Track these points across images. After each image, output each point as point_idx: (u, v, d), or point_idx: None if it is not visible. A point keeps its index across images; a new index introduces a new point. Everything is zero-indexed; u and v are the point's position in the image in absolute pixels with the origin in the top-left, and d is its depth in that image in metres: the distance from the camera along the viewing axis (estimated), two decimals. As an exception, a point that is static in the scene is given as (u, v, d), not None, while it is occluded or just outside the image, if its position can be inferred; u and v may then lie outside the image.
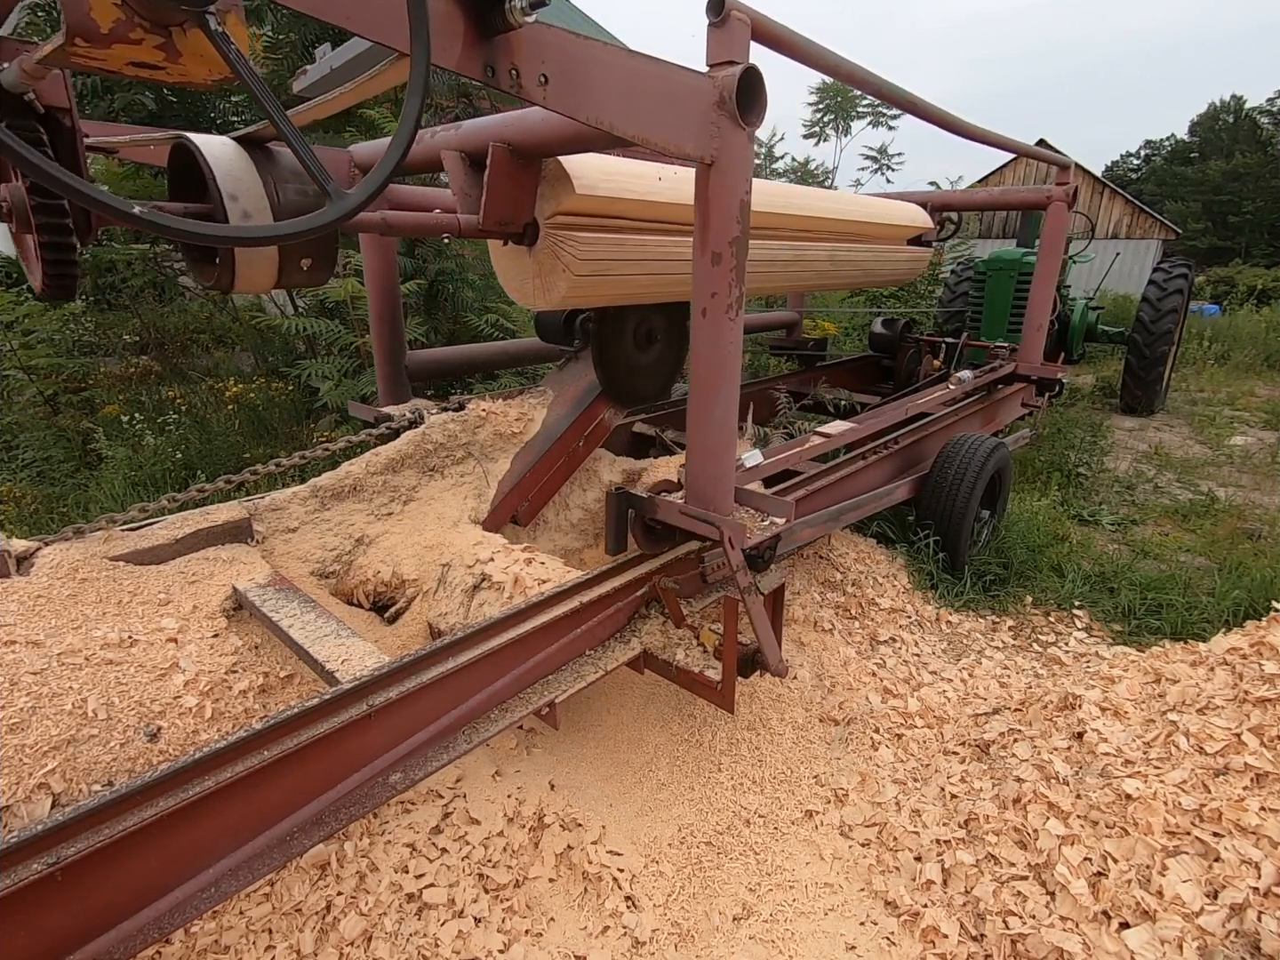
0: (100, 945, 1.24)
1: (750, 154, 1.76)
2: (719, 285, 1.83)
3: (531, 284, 2.38)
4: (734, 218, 1.78)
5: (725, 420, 1.99)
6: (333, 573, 2.57)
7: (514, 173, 2.05)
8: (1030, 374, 4.75)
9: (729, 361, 1.92)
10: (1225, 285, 18.38)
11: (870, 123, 21.07)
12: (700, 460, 2.03)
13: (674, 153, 1.63)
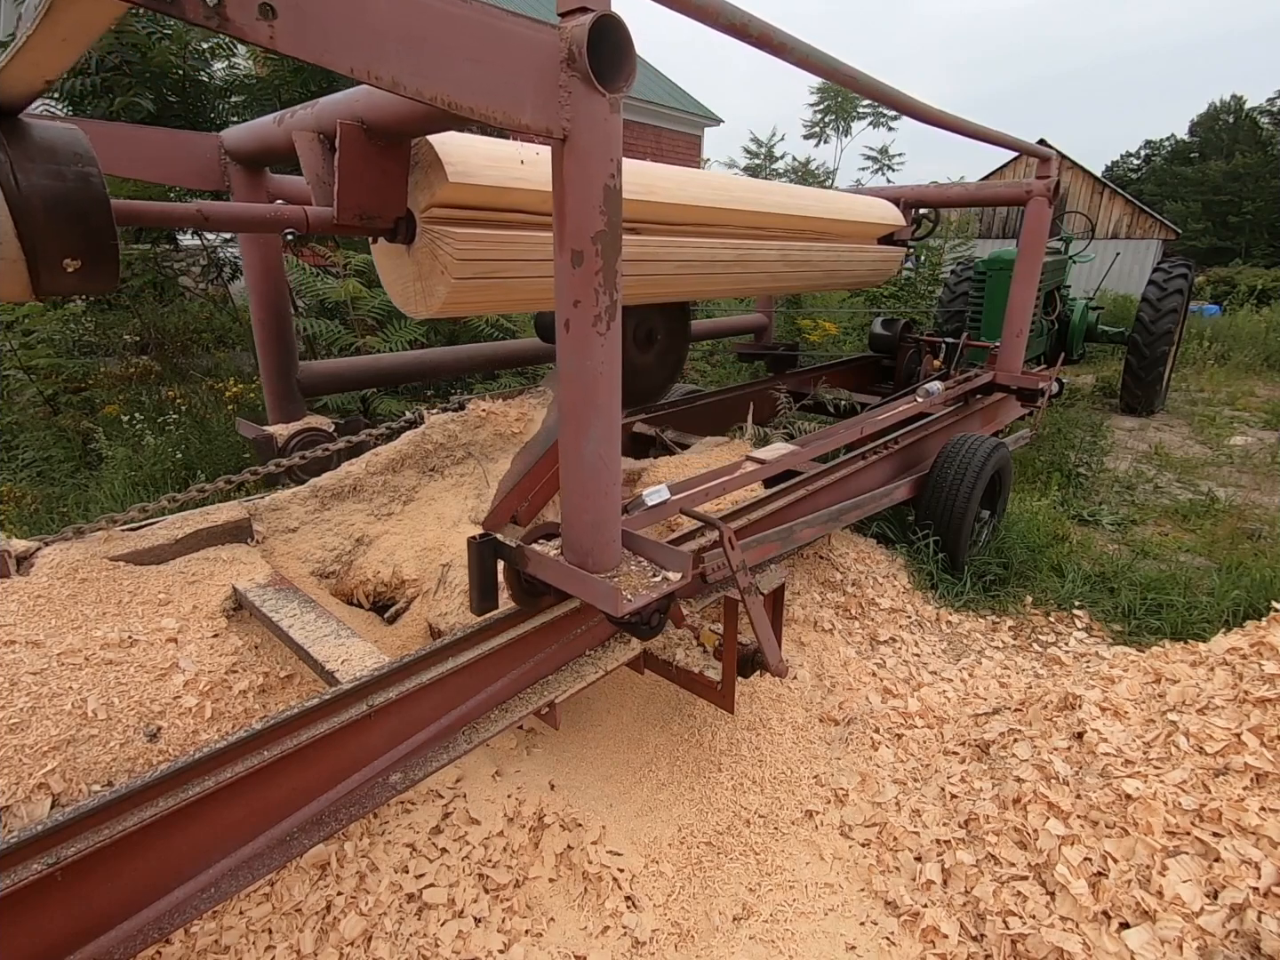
0: (100, 945, 1.24)
1: (616, 127, 1.42)
2: (582, 291, 1.46)
3: (412, 288, 2.08)
4: (596, 207, 1.42)
5: (602, 457, 1.61)
6: (333, 573, 2.57)
7: (373, 157, 1.76)
8: (1010, 384, 4.39)
9: (602, 386, 1.55)
10: (1225, 285, 18.37)
11: (870, 123, 21.09)
12: (574, 506, 1.66)
13: (505, 124, 1.31)
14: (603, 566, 1.67)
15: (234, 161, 2.55)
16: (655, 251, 2.58)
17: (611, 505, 1.67)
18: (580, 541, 1.68)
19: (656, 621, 1.80)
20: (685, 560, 1.67)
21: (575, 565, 1.67)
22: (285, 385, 2.95)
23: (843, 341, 8.31)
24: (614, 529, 1.70)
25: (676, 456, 3.47)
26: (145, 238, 5.40)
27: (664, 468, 3.27)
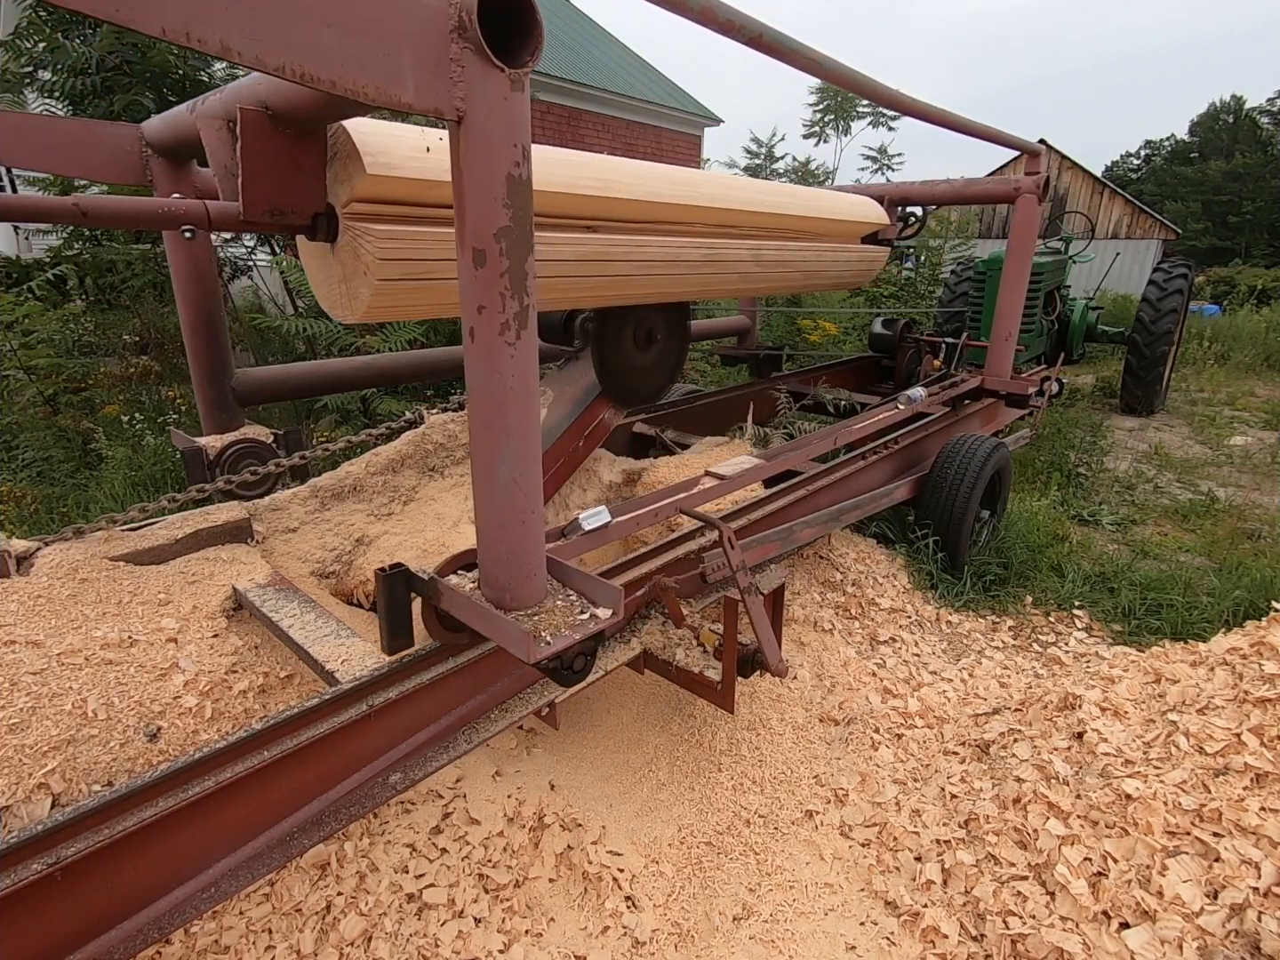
0: (100, 945, 1.24)
1: (521, 108, 1.24)
2: (485, 295, 1.28)
3: (337, 290, 1.91)
4: (498, 199, 1.23)
5: (517, 481, 1.42)
6: (333, 573, 2.57)
7: (282, 146, 1.59)
8: (999, 388, 4.21)
9: (513, 402, 1.36)
10: (1225, 285, 18.37)
11: (870, 123, 21.08)
12: (489, 536, 1.48)
13: (381, 101, 1.13)
14: (523, 602, 1.49)
15: (155, 154, 2.38)
16: (612, 250, 2.41)
17: (531, 535, 1.48)
18: (496, 575, 1.49)
19: (581, 665, 1.60)
20: (616, 596, 1.49)
21: (491, 601, 1.49)
22: (218, 393, 2.75)
23: (843, 341, 8.31)
24: (535, 561, 1.51)
25: (676, 456, 3.46)
26: (145, 238, 5.40)
27: (664, 468, 3.27)
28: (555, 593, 1.58)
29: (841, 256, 3.82)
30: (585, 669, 1.64)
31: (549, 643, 1.40)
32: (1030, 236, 4.02)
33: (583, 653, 1.61)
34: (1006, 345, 4.18)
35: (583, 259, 2.31)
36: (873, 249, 4.08)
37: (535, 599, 1.52)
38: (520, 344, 1.34)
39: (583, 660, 1.62)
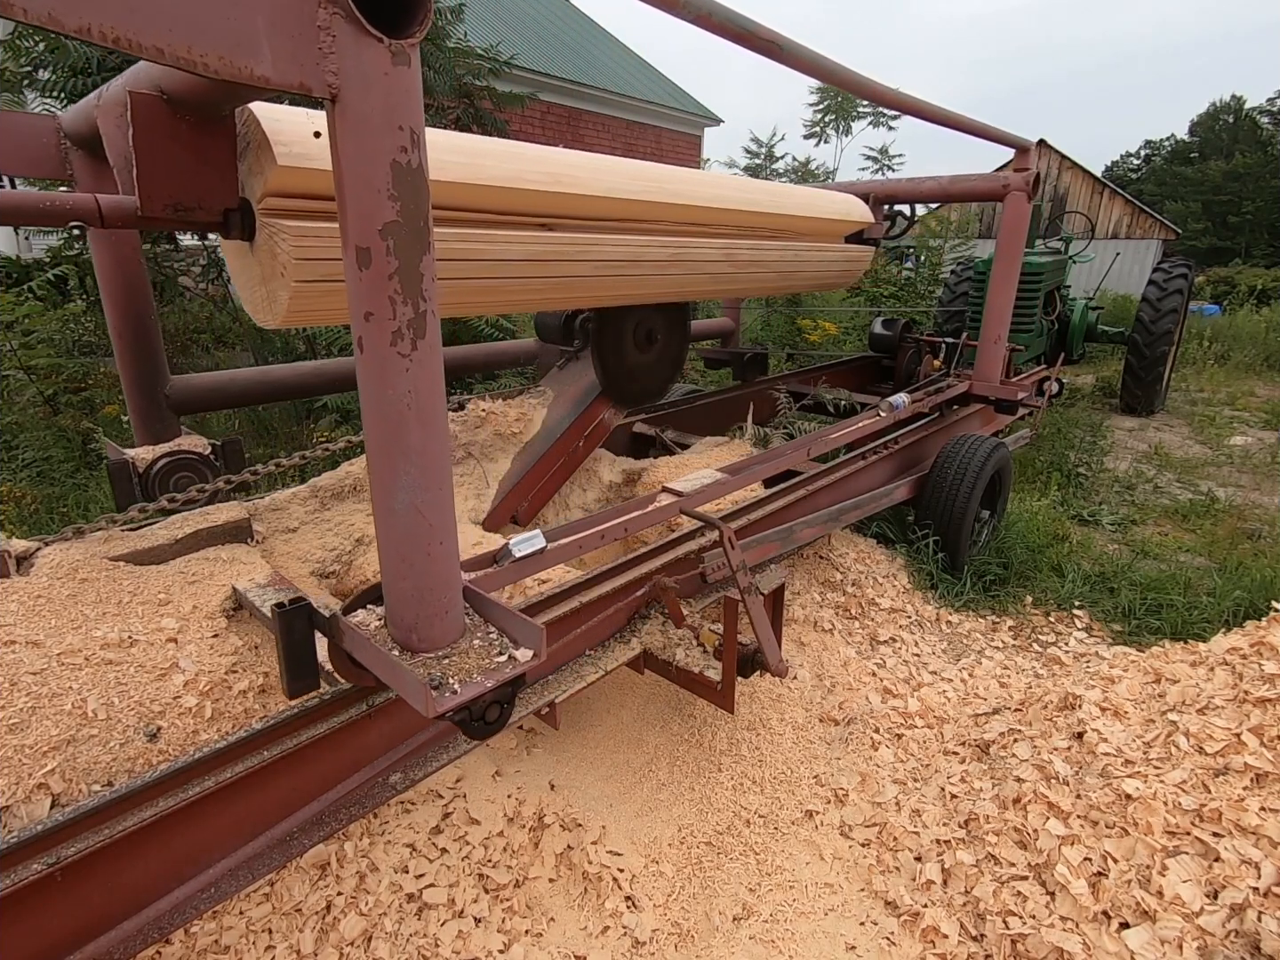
0: (100, 945, 1.24)
1: (408, 85, 1.08)
2: (373, 300, 1.12)
3: (259, 293, 1.76)
4: (383, 190, 1.08)
5: (419, 509, 1.26)
6: (333, 573, 2.57)
7: (183, 134, 1.44)
8: (987, 394, 4.04)
9: (412, 421, 1.20)
10: (1225, 285, 18.38)
11: (871, 123, 21.10)
12: (392, 571, 1.31)
13: (227, 73, 0.98)
14: (432, 642, 1.34)
15: (75, 146, 2.22)
16: (566, 250, 2.26)
17: (439, 569, 1.32)
18: (401, 614, 1.34)
19: (496, 715, 1.39)
20: (537, 635, 1.34)
21: (399, 641, 1.35)
22: (150, 401, 2.57)
23: (843, 341, 8.31)
24: (446, 597, 1.35)
25: (676, 456, 3.47)
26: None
27: (664, 468, 3.27)
28: (475, 630, 1.42)
29: (822, 256, 3.65)
30: (501, 720, 1.42)
31: (455, 691, 1.24)
32: (1020, 236, 3.88)
33: (498, 701, 1.38)
34: (996, 349, 4.04)
35: (534, 259, 2.17)
36: (857, 248, 3.91)
37: (448, 638, 1.37)
38: (417, 355, 1.17)
39: (497, 710, 1.40)
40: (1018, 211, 3.82)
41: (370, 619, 1.44)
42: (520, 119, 11.10)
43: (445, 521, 1.31)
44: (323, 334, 4.82)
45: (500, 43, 7.50)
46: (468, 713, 1.31)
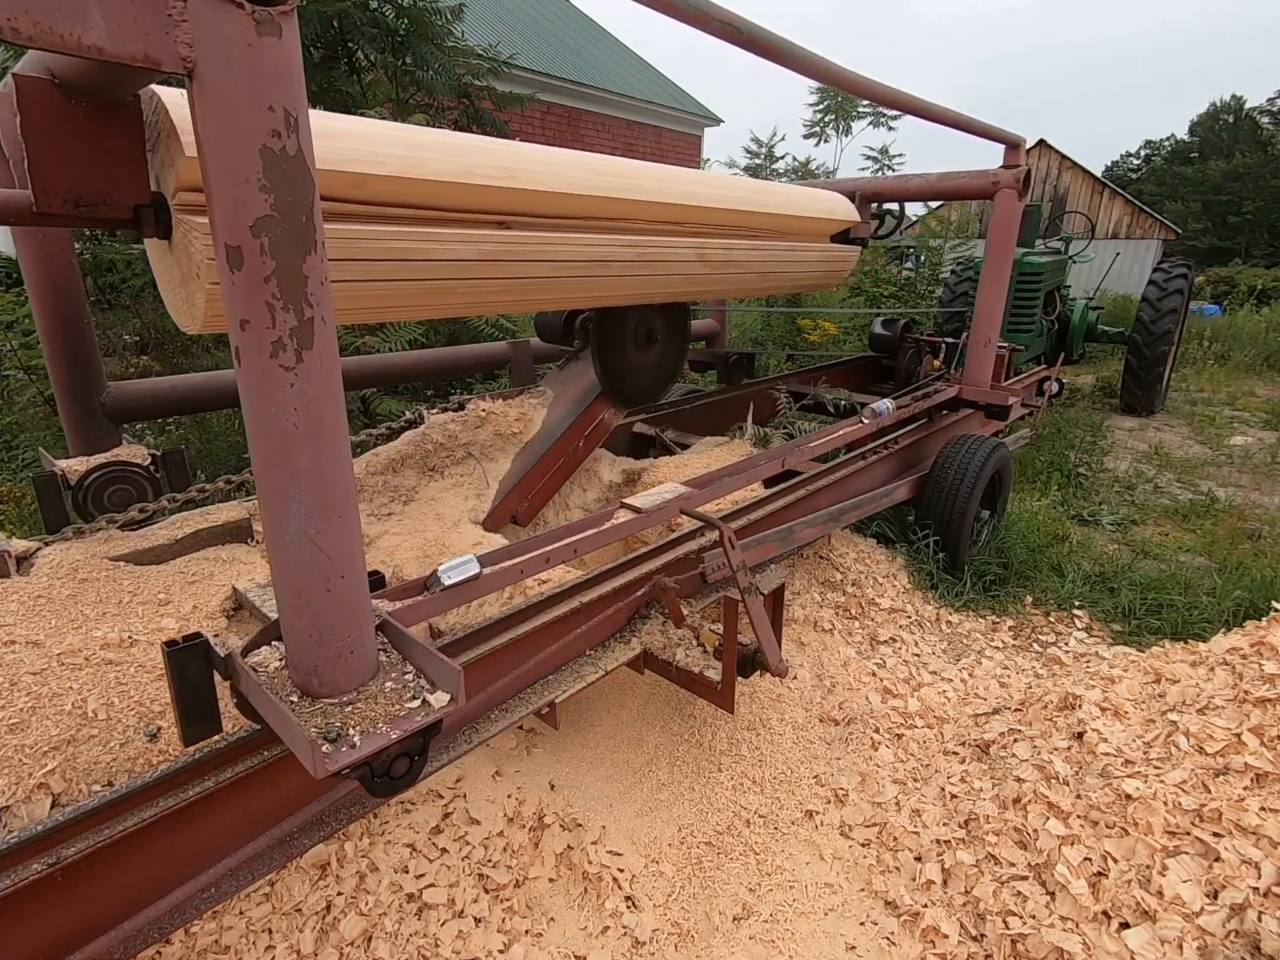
0: (100, 945, 1.24)
1: (279, 59, 0.94)
2: (248, 306, 0.99)
3: (178, 295, 1.64)
4: (252, 180, 0.95)
5: (316, 540, 1.13)
6: (333, 573, 2.56)
7: (79, 122, 1.30)
8: (977, 399, 3.92)
9: (300, 441, 1.07)
10: (1225, 285, 18.39)
11: (871, 123, 21.10)
12: (288, 607, 1.19)
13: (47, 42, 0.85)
14: (335, 686, 1.21)
15: None
16: (521, 249, 2.14)
17: (342, 606, 1.19)
18: (300, 655, 1.21)
19: (404, 770, 1.24)
20: (455, 678, 1.20)
21: (299, 685, 1.23)
22: (84, 409, 2.42)
23: (843, 341, 8.31)
24: (350, 636, 1.22)
25: (676, 456, 3.47)
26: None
27: (664, 468, 3.27)
28: (390, 670, 1.29)
29: (805, 256, 3.47)
30: (410, 774, 1.26)
31: (354, 744, 1.11)
32: (1009, 235, 3.73)
33: (406, 753, 1.23)
34: (986, 352, 3.91)
35: (486, 259, 2.04)
36: (842, 248, 3.73)
37: (355, 680, 1.24)
38: (304, 369, 1.04)
39: (405, 763, 1.24)
40: (1008, 209, 3.68)
41: (272, 659, 1.31)
42: (520, 119, 11.10)
43: (347, 553, 1.17)
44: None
45: (500, 43, 7.51)
46: (368, 769, 1.17)
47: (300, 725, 1.13)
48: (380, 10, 5.39)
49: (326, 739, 1.12)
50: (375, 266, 1.81)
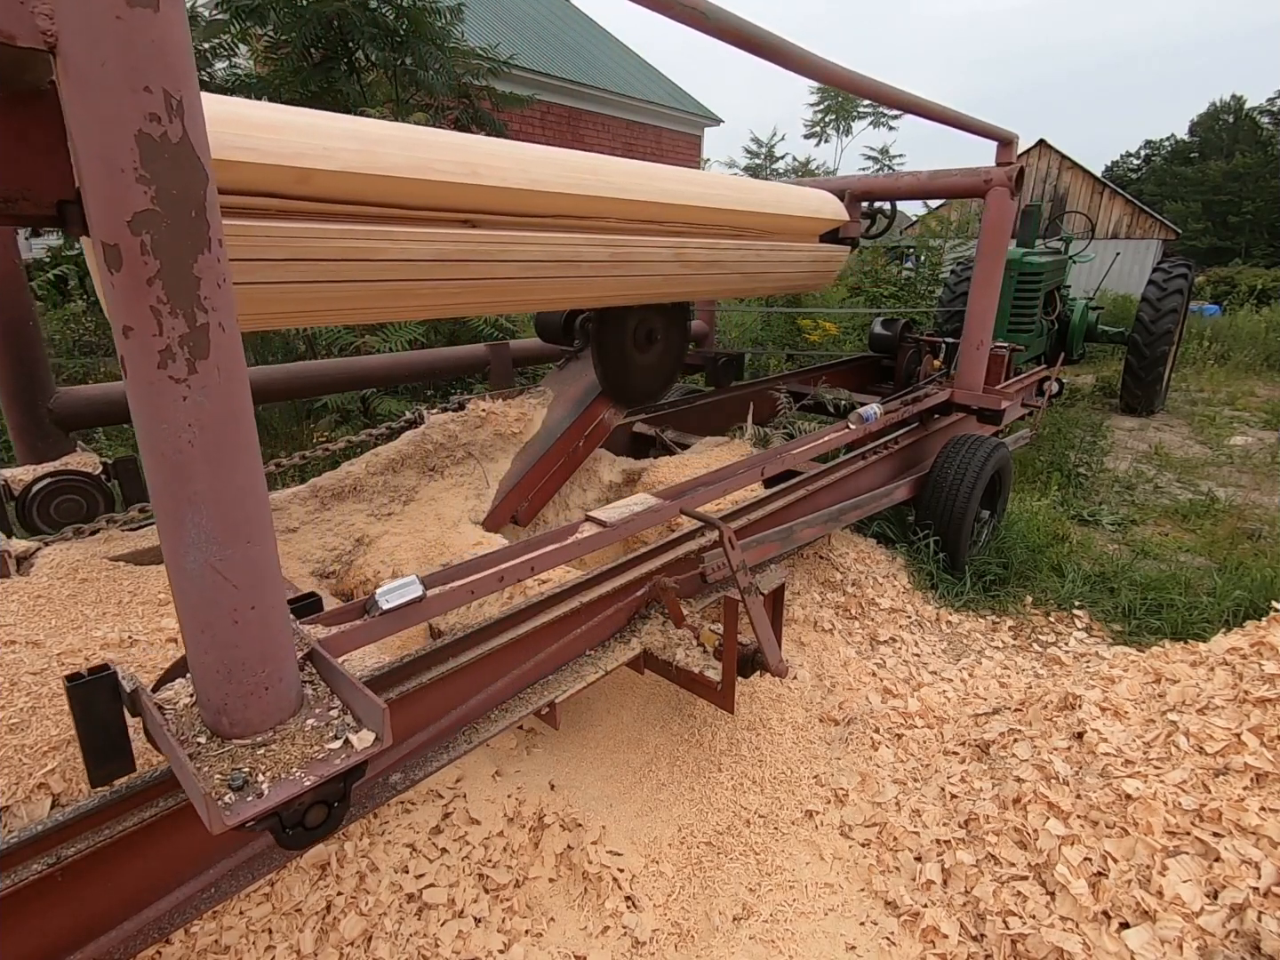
0: (100, 945, 1.24)
1: (161, 35, 0.84)
2: (131, 311, 0.90)
3: None
4: (127, 170, 0.85)
5: (220, 568, 1.03)
6: (333, 573, 2.57)
7: None
8: (969, 403, 3.85)
9: (199, 460, 0.97)
10: (1225, 285, 18.39)
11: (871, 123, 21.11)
12: (194, 641, 1.08)
13: None
14: (248, 726, 1.11)
15: None
16: (487, 249, 2.04)
17: (254, 639, 1.08)
18: (208, 693, 1.11)
19: (319, 820, 1.12)
20: (379, 716, 1.11)
21: (209, 725, 1.13)
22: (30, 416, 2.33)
23: (843, 341, 8.31)
24: (264, 672, 1.11)
25: (676, 456, 3.47)
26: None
27: (664, 468, 3.27)
28: (315, 704, 1.18)
29: (792, 256, 3.35)
30: (328, 823, 1.13)
31: (261, 793, 1.02)
32: (1002, 234, 3.65)
33: (323, 800, 1.11)
34: (979, 354, 3.81)
35: (447, 259, 1.95)
36: (831, 248, 3.63)
37: (271, 719, 1.13)
38: (198, 381, 0.94)
39: (323, 811, 1.11)
40: (1000, 207, 3.59)
41: (183, 694, 1.20)
42: (520, 119, 11.10)
43: (258, 581, 1.07)
44: (323, 334, 4.82)
45: (500, 43, 7.51)
46: (278, 819, 1.06)
47: (195, 774, 1.02)
48: (380, 10, 5.39)
49: (231, 787, 1.02)
50: (324, 267, 1.73)
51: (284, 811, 1.05)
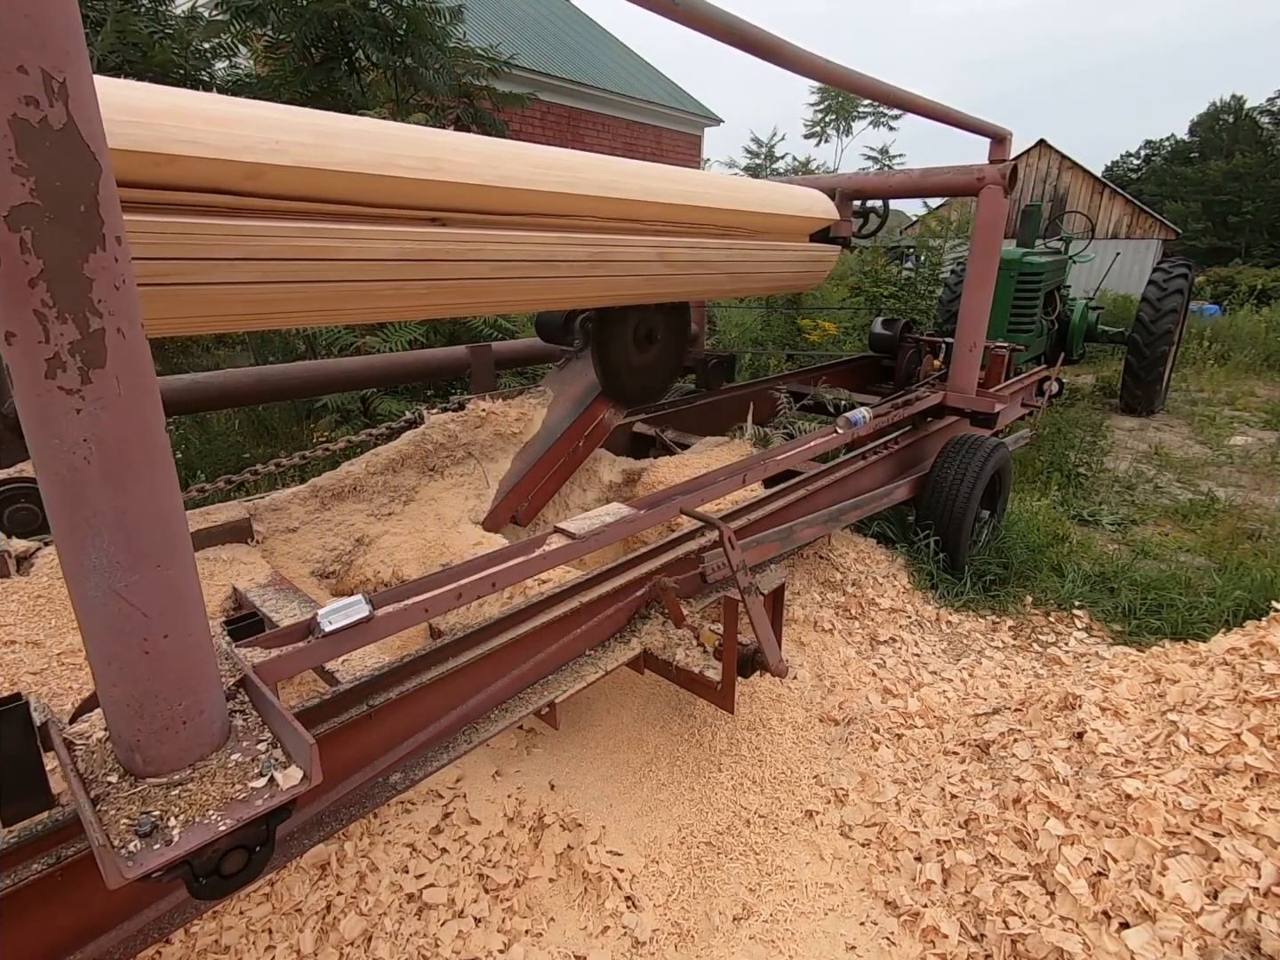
0: (100, 945, 1.24)
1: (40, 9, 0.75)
2: (12, 316, 0.82)
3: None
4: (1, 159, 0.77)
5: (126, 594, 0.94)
6: (333, 573, 2.57)
7: None
8: (962, 406, 3.81)
9: (96, 479, 0.90)
10: (1225, 285, 18.38)
11: (871, 123, 21.12)
12: (101, 673, 1.00)
13: None
14: (165, 764, 1.03)
15: None
16: (455, 249, 1.96)
17: (169, 671, 1.00)
18: (119, 729, 1.02)
19: (238, 866, 1.04)
20: (306, 752, 1.01)
21: (123, 762, 1.04)
22: None
23: (843, 341, 8.31)
24: (181, 705, 1.02)
25: (676, 456, 3.47)
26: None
27: (664, 468, 3.27)
28: (244, 737, 1.10)
29: (779, 256, 3.26)
30: (246, 872, 1.05)
31: (170, 840, 0.93)
32: (995, 233, 3.59)
33: (242, 845, 1.02)
34: (971, 356, 3.75)
35: (410, 258, 1.87)
36: (821, 247, 3.55)
37: (189, 755, 1.04)
38: (93, 391, 0.86)
39: (242, 857, 1.03)
40: (994, 206, 3.52)
41: (98, 727, 1.09)
42: (520, 119, 11.10)
43: (174, 607, 0.99)
44: (322, 334, 4.82)
45: (500, 43, 7.51)
46: (189, 868, 0.96)
47: (93, 821, 0.93)
48: (380, 10, 5.39)
49: (138, 833, 0.92)
50: (278, 267, 1.64)
51: (195, 860, 0.96)
